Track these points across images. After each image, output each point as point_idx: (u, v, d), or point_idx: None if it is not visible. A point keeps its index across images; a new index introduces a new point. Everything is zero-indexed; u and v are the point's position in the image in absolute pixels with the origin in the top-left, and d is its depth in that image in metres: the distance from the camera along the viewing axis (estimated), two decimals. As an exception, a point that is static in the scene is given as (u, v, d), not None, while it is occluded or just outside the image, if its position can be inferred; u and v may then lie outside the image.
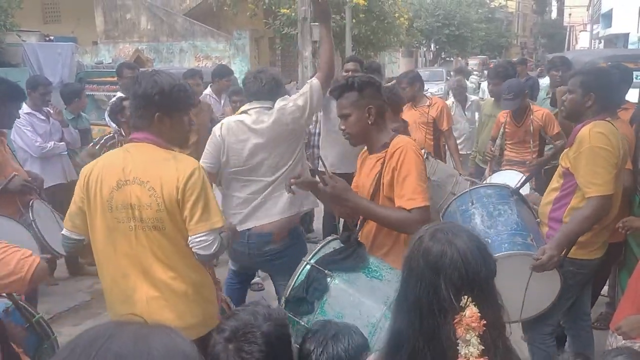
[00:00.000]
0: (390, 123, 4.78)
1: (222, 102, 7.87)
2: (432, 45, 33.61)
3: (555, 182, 3.40)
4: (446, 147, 6.64)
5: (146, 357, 0.82)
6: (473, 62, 43.92)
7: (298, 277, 2.62)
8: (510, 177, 5.41)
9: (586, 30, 44.85)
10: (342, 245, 2.73)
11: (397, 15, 16.19)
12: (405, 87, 6.37)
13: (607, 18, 32.82)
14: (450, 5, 31.86)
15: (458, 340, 1.48)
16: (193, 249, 2.52)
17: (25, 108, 6.12)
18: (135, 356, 0.81)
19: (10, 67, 9.37)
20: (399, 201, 2.70)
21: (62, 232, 2.69)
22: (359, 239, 2.79)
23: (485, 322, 1.47)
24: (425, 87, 7.73)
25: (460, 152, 6.71)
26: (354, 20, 15.14)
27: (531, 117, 5.80)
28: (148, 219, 2.48)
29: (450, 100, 8.56)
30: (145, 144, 2.54)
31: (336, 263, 2.60)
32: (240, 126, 3.75)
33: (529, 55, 71.00)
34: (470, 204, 3.55)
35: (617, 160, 3.14)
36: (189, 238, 2.51)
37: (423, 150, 5.50)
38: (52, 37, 12.06)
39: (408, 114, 6.40)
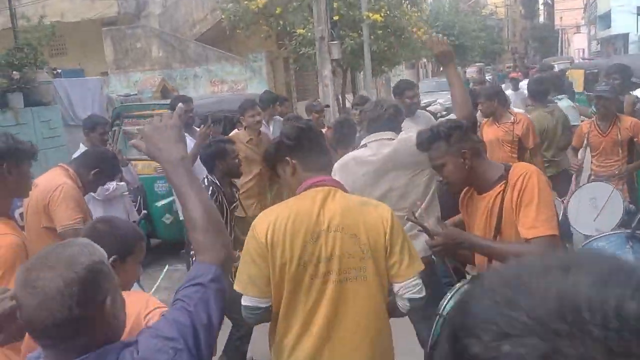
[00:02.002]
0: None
1: (272, 128, 7.64)
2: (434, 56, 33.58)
3: None
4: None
5: None
6: (470, 70, 44.22)
7: (434, 331, 2.50)
8: (599, 190, 5.18)
9: (580, 32, 45.09)
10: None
11: (414, 29, 16.13)
12: (484, 102, 6.12)
13: (605, 19, 32.98)
14: (449, 15, 31.96)
15: None
16: (406, 295, 2.38)
17: (82, 149, 5.89)
18: None
19: (41, 105, 9.14)
20: (521, 231, 2.52)
21: (243, 303, 2.41)
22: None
23: None
24: (434, 97, 7.49)
25: None
26: (372, 37, 15.01)
27: (618, 125, 5.53)
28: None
29: None
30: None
31: None
32: (355, 162, 3.65)
33: (520, 59, 71.63)
34: None
35: None
36: (401, 284, 2.38)
37: None
38: (59, 71, 11.83)
39: (490, 130, 6.14)
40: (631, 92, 6.63)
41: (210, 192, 4.29)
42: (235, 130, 7.37)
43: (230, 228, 4.50)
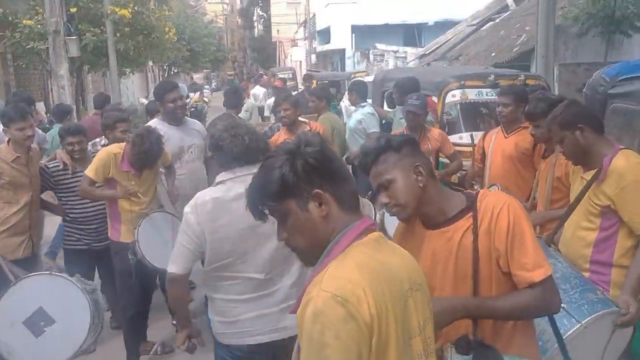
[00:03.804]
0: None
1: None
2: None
3: (586, 221, 3.16)
4: None
5: None
6: (198, 76, 44.17)
7: None
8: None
9: (297, 45, 48.08)
10: (467, 356, 2.04)
11: (167, 29, 14.83)
12: (288, 108, 5.78)
13: (325, 34, 35.41)
14: (179, 19, 30.91)
15: None
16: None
17: None
18: None
19: None
20: (520, 273, 2.11)
21: None
22: (481, 340, 2.11)
23: None
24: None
25: None
26: (118, 35, 13.35)
27: (427, 135, 5.63)
28: None
29: None
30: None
31: None
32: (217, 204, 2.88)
33: (239, 68, 74.09)
34: None
35: None
36: None
37: None
38: None
39: (282, 139, 5.64)
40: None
41: None
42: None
43: None
